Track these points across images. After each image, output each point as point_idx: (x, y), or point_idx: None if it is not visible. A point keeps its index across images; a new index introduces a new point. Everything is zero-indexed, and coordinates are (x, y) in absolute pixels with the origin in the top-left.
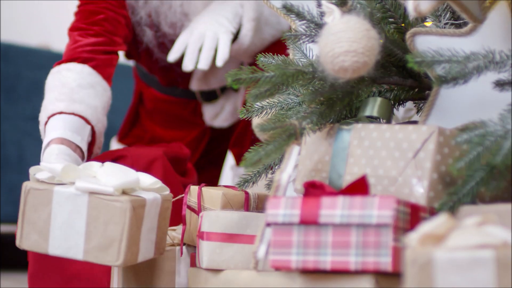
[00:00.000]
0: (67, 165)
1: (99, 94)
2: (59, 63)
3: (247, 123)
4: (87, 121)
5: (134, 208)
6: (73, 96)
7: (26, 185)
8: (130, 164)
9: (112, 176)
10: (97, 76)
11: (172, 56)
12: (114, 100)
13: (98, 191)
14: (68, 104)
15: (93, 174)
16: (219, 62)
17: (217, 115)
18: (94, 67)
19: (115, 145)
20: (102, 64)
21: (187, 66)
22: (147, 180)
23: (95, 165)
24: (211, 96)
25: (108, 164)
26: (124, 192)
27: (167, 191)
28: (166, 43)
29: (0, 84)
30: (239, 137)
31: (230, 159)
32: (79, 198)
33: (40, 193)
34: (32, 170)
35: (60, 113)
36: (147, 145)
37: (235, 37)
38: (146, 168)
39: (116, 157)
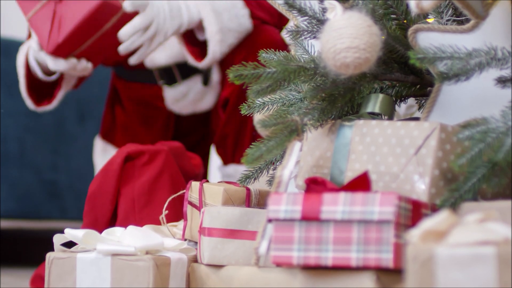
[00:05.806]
0: (88, 232)
1: None
2: None
3: (227, 123)
4: None
5: (157, 266)
6: None
7: (49, 255)
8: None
9: (135, 238)
10: None
11: (122, 36)
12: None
13: (120, 252)
14: None
15: (117, 239)
16: (132, 61)
17: (178, 101)
18: None
19: (99, 142)
20: None
21: (121, 51)
22: (171, 242)
23: (118, 230)
24: (170, 80)
25: (131, 228)
26: (147, 253)
27: (193, 252)
28: None
29: (0, 80)
30: (222, 138)
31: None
32: (102, 261)
33: (63, 262)
34: (56, 238)
35: None
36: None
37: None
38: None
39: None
